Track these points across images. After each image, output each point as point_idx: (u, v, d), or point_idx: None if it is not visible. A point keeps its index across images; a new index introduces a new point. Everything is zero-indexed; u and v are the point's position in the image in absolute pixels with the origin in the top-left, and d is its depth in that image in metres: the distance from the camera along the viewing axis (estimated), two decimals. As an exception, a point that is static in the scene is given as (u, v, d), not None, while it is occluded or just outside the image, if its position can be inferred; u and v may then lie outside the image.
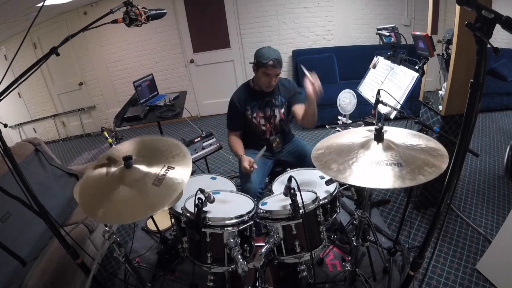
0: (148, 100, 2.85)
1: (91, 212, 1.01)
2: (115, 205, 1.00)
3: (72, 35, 1.02)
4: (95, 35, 4.31)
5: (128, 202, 1.01)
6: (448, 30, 1.86)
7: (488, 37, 0.69)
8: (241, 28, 4.40)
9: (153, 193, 1.02)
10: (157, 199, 1.01)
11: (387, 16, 4.36)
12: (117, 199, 1.01)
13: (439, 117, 1.97)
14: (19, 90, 4.59)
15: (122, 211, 0.99)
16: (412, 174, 0.91)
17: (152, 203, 1.00)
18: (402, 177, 0.90)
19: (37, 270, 1.54)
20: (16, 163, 1.04)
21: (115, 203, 1.01)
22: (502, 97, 4.07)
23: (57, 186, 2.10)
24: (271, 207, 1.32)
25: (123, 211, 0.99)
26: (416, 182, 0.88)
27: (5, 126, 4.14)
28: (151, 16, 1.19)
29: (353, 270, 1.46)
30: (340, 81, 4.26)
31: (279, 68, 1.77)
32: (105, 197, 1.03)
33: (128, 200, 1.01)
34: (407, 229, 2.09)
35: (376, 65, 2.21)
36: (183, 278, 1.87)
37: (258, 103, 1.93)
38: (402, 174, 0.91)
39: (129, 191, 1.03)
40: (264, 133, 1.98)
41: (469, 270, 1.78)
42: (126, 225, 2.49)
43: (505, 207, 2.28)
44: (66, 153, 4.45)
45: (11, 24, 3.43)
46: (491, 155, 3.07)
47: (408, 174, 0.91)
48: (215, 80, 4.68)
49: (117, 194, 1.03)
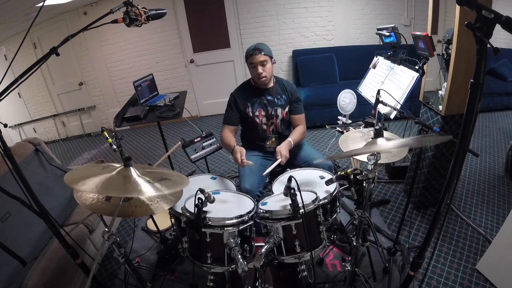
0: (148, 100, 2.84)
1: (72, 182, 1.02)
2: (98, 180, 1.02)
3: (72, 35, 1.02)
4: (95, 35, 4.31)
5: (112, 181, 1.04)
6: (448, 30, 1.86)
7: (488, 37, 0.69)
8: (241, 28, 4.40)
9: (139, 183, 1.05)
10: (139, 187, 1.03)
11: (387, 16, 4.36)
12: (103, 178, 1.04)
13: (439, 117, 1.96)
14: (19, 90, 4.59)
15: (102, 186, 1.00)
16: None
17: (133, 189, 1.03)
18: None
19: (37, 270, 1.54)
20: (16, 163, 1.04)
21: (99, 180, 1.03)
22: (502, 97, 4.06)
23: (57, 186, 2.10)
24: (271, 207, 1.32)
25: (103, 186, 1.00)
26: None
27: (5, 126, 4.14)
28: (151, 16, 1.19)
29: (353, 270, 1.46)
30: (340, 81, 4.25)
31: (260, 55, 1.78)
32: (93, 175, 1.05)
33: (113, 180, 1.04)
34: (407, 229, 2.09)
35: (376, 65, 2.22)
36: (183, 278, 1.87)
37: (259, 99, 1.94)
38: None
39: (116, 177, 1.06)
40: (264, 132, 1.98)
41: (469, 270, 1.78)
42: (126, 225, 2.49)
43: (505, 207, 2.28)
44: (66, 153, 4.45)
45: (11, 24, 3.43)
46: (491, 155, 3.07)
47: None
48: (215, 80, 4.68)
49: (105, 176, 1.05)
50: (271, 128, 1.98)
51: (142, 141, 4.39)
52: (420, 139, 1.22)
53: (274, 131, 1.99)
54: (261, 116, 1.95)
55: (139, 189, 1.03)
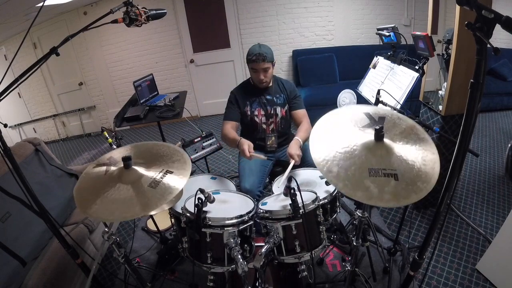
0: (148, 100, 2.85)
1: (83, 207, 1.01)
2: (108, 202, 1.01)
3: (72, 35, 1.02)
4: (95, 35, 4.30)
5: (122, 200, 1.01)
6: (448, 30, 1.86)
7: (488, 37, 0.69)
8: (241, 28, 4.40)
9: (148, 194, 1.03)
10: (151, 201, 1.01)
11: (387, 16, 4.36)
12: (111, 197, 1.02)
13: (439, 117, 1.96)
14: (19, 90, 4.59)
15: (114, 209, 0.99)
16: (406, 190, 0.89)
17: (146, 204, 1.00)
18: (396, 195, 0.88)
19: (37, 270, 1.54)
20: (16, 163, 1.04)
21: (109, 201, 1.01)
22: (502, 97, 4.06)
23: (57, 186, 2.10)
24: (271, 207, 1.32)
25: (115, 209, 0.99)
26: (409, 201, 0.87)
27: (5, 126, 4.14)
28: (151, 16, 1.19)
29: (353, 270, 1.46)
30: (340, 81, 4.25)
31: (263, 62, 1.77)
32: (100, 193, 1.04)
33: (122, 198, 1.02)
34: (407, 229, 2.09)
35: (376, 65, 2.21)
36: (183, 278, 1.87)
37: (258, 99, 1.94)
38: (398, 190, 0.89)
39: (124, 190, 1.04)
40: (264, 131, 1.99)
41: (469, 270, 1.78)
42: (126, 225, 2.49)
43: (505, 207, 2.28)
44: (66, 153, 4.45)
45: (11, 24, 3.43)
46: (491, 155, 3.07)
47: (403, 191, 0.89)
48: (215, 80, 4.68)
49: (112, 192, 1.04)
50: (270, 127, 1.98)
51: (142, 141, 4.38)
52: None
53: (274, 130, 1.99)
54: (261, 116, 1.95)
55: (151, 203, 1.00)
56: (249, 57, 1.80)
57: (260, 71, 1.81)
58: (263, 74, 1.82)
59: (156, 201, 1.00)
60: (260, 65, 1.78)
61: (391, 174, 0.92)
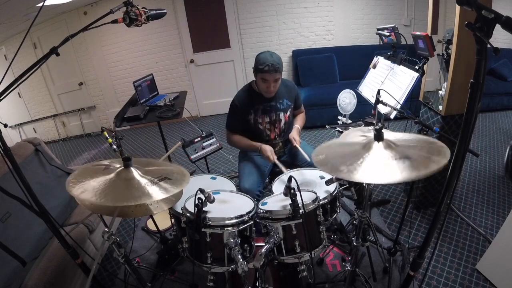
0: (148, 100, 2.84)
1: (71, 188, 1.01)
2: (97, 187, 1.02)
3: (72, 35, 1.02)
4: (95, 35, 4.30)
5: (112, 188, 1.02)
6: (448, 30, 1.86)
7: (488, 37, 0.69)
8: (241, 28, 4.40)
9: (140, 188, 1.04)
10: (141, 193, 1.02)
11: (387, 16, 4.36)
12: (102, 183, 1.03)
13: (439, 117, 1.97)
14: (19, 90, 4.59)
15: (102, 194, 0.99)
16: (424, 164, 0.91)
17: (135, 195, 1.01)
18: (416, 168, 0.90)
19: (37, 270, 1.54)
20: (16, 163, 1.04)
21: (98, 186, 1.02)
22: (502, 97, 4.06)
23: (57, 186, 2.10)
24: (271, 207, 1.32)
25: (102, 195, 0.99)
26: (429, 170, 0.88)
27: (5, 126, 4.13)
28: (151, 16, 1.19)
29: (353, 270, 1.46)
30: (340, 81, 4.25)
31: (276, 73, 1.71)
32: (92, 179, 1.05)
33: (112, 186, 1.03)
34: (407, 229, 2.09)
35: (376, 65, 2.21)
36: (183, 278, 1.87)
37: (261, 106, 1.89)
38: (414, 165, 0.91)
39: (117, 181, 1.06)
40: (269, 137, 1.98)
41: (469, 270, 1.78)
42: (126, 225, 2.49)
43: (505, 207, 2.28)
44: (66, 153, 4.45)
45: (11, 24, 3.43)
46: (491, 155, 3.07)
47: (420, 165, 0.91)
48: (215, 80, 4.68)
49: (104, 180, 1.05)
50: (275, 133, 1.97)
51: (142, 141, 4.39)
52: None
53: (278, 134, 1.98)
54: (265, 123, 1.93)
55: (137, 196, 1.01)
56: (261, 67, 1.70)
57: (271, 82, 1.75)
58: (273, 85, 1.76)
59: (148, 196, 1.01)
60: (272, 76, 1.72)
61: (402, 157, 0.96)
